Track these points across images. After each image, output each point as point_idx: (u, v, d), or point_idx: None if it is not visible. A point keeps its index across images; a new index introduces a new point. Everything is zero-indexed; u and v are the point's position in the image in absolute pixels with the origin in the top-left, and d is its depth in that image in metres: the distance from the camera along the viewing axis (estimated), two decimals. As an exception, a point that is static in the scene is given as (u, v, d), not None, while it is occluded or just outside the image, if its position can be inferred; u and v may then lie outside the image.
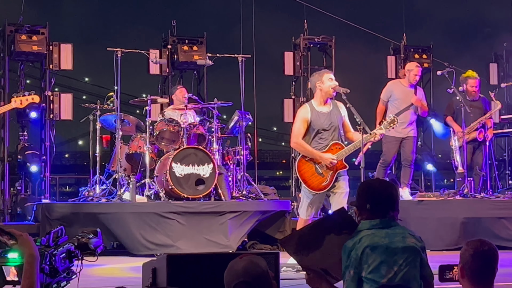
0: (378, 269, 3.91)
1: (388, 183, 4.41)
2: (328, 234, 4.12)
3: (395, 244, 3.97)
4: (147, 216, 9.63)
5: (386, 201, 4.12)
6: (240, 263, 3.32)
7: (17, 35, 11.93)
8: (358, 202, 4.16)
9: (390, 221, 4.07)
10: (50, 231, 4.25)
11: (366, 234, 3.98)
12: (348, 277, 3.97)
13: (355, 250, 3.95)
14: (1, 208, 11.95)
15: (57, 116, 12.11)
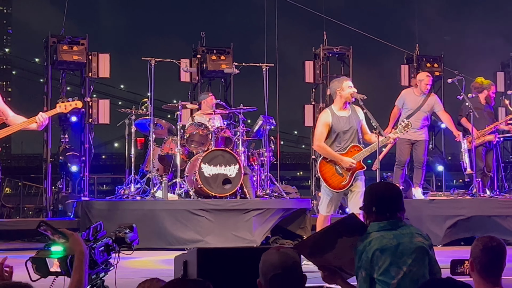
0: (388, 270, 3.87)
1: (391, 185, 4.36)
2: (340, 237, 4.09)
3: (403, 245, 3.92)
4: (178, 213, 9.65)
5: (391, 203, 4.07)
6: (276, 255, 3.32)
7: (59, 46, 12.00)
8: (365, 205, 4.13)
9: (397, 221, 4.02)
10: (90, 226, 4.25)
11: (375, 236, 3.94)
12: (361, 278, 3.94)
13: (366, 253, 3.91)
14: (44, 204, 12.04)
15: (95, 120, 12.17)
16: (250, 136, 10.92)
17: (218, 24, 33.63)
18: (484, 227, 10.18)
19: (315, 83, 13.51)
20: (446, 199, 10.79)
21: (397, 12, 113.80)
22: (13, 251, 9.55)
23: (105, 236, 4.30)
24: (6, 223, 10.48)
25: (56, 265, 4.02)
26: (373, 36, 17.62)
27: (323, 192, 7.93)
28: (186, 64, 12.43)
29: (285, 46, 20.97)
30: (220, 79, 13.32)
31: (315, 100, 13.52)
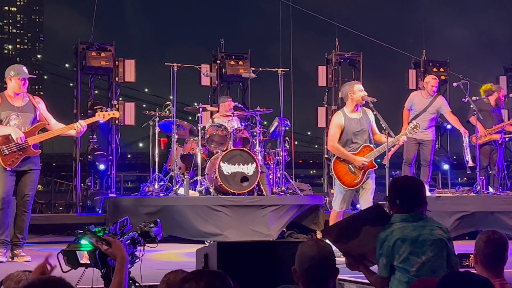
0: (408, 259, 3.87)
1: (415, 180, 4.36)
2: (365, 226, 4.09)
3: (423, 236, 3.92)
4: (199, 208, 9.66)
5: (414, 196, 4.08)
6: (314, 247, 3.33)
7: (88, 52, 12.05)
8: (389, 198, 4.13)
9: (419, 214, 4.03)
10: (117, 221, 4.26)
11: (398, 227, 3.94)
12: (381, 264, 3.95)
13: (388, 241, 3.92)
14: (74, 201, 12.09)
15: (121, 122, 12.20)
16: (266, 137, 10.92)
17: (236, 32, 33.87)
18: (487, 222, 10.16)
19: (328, 87, 13.50)
20: (451, 196, 10.77)
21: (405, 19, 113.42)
22: (45, 244, 9.61)
23: (131, 230, 4.31)
24: (38, 218, 10.51)
25: (85, 257, 4.04)
26: (382, 43, 17.58)
27: (336, 190, 7.92)
28: (207, 69, 12.44)
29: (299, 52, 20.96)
30: (238, 83, 13.32)
31: (327, 103, 13.51)
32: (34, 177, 7.45)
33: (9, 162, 7.19)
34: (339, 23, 16.55)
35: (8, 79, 7.42)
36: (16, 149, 7.21)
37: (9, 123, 7.28)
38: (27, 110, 7.41)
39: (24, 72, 7.48)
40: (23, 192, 7.40)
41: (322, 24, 17.89)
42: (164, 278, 3.82)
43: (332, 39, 14.12)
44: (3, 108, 7.32)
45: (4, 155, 7.19)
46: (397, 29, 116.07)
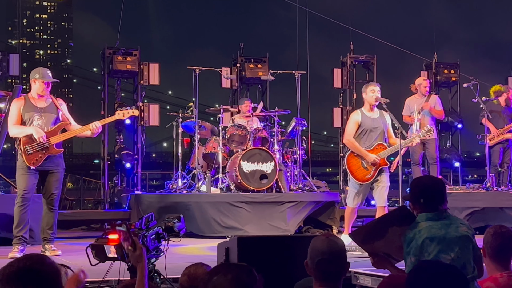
0: (437, 256, 3.82)
1: (437, 179, 4.31)
2: (391, 227, 4.06)
3: (450, 234, 3.88)
4: (220, 204, 9.67)
5: (437, 195, 4.03)
6: (325, 241, 3.33)
7: (114, 57, 12.11)
8: (413, 197, 4.08)
9: (443, 212, 4.00)
10: (143, 217, 4.27)
11: (425, 226, 3.90)
12: (410, 263, 3.90)
13: (415, 240, 3.87)
14: (102, 198, 12.16)
15: (146, 122, 12.25)
16: (284, 136, 10.91)
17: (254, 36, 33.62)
18: (496, 217, 10.08)
19: (343, 88, 13.46)
20: (462, 192, 10.70)
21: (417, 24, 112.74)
22: (75, 238, 9.66)
23: (156, 226, 4.32)
24: (68, 214, 10.59)
25: (113, 252, 4.05)
26: (395, 46, 17.50)
27: (350, 186, 7.91)
28: (227, 72, 12.46)
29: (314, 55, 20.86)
30: (257, 85, 13.32)
31: (342, 104, 13.47)
32: (59, 176, 7.42)
33: (33, 161, 7.15)
34: (353, 28, 16.51)
35: (33, 81, 7.36)
36: (39, 149, 7.17)
37: (32, 124, 7.24)
38: (50, 111, 7.37)
39: (49, 76, 7.41)
40: (49, 191, 7.36)
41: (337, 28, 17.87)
42: (185, 271, 3.83)
43: (345, 43, 14.09)
44: (27, 109, 7.27)
45: (28, 154, 7.14)
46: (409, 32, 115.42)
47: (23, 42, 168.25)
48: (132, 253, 3.46)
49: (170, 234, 4.40)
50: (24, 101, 7.34)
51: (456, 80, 13.64)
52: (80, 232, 10.51)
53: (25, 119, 7.26)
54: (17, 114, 7.27)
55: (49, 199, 7.38)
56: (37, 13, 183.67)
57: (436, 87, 13.60)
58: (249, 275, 2.46)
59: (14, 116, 7.29)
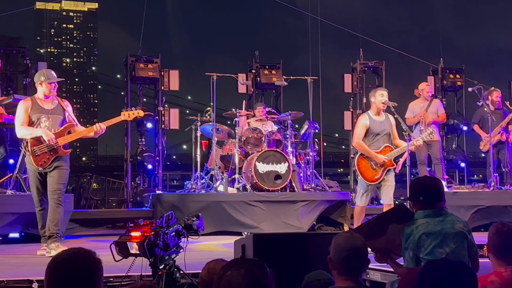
0: (433, 251, 3.85)
1: (435, 179, 4.35)
2: (390, 224, 4.09)
3: (446, 230, 3.90)
4: (237, 203, 9.67)
5: (436, 194, 4.06)
6: (347, 238, 3.36)
7: (137, 64, 12.15)
8: (412, 196, 4.11)
9: (441, 210, 4.01)
10: (163, 215, 4.29)
11: (422, 222, 3.93)
12: (408, 257, 3.93)
13: (413, 236, 3.90)
14: (125, 197, 12.19)
15: (167, 126, 12.27)
16: (298, 139, 10.90)
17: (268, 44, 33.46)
18: (501, 215, 10.01)
19: (353, 93, 13.42)
20: (467, 192, 10.64)
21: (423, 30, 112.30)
22: (99, 236, 9.70)
23: (176, 223, 4.33)
24: (93, 213, 10.64)
25: (135, 248, 4.07)
26: (403, 52, 17.43)
27: (359, 186, 7.93)
28: (243, 78, 12.47)
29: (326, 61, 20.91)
30: (271, 90, 13.32)
31: (353, 107, 13.43)
32: (64, 173, 7.08)
33: (41, 163, 6.92)
34: (363, 35, 16.48)
35: (39, 84, 7.09)
36: (47, 150, 6.93)
37: (40, 125, 6.99)
38: (57, 112, 7.11)
39: (54, 76, 7.14)
40: (53, 187, 7.00)
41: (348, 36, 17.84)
42: (206, 266, 3.83)
43: (354, 49, 14.05)
44: (34, 111, 7.01)
45: (36, 156, 6.91)
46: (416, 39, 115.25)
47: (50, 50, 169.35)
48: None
49: (189, 232, 4.41)
50: (31, 102, 7.07)
51: (461, 84, 13.56)
52: (104, 230, 10.54)
53: (33, 120, 7.02)
54: (25, 115, 7.01)
55: (53, 195, 7.03)
56: (64, 23, 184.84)
57: (442, 91, 13.53)
58: (261, 269, 2.47)
59: (22, 117, 7.02)
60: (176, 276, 4.25)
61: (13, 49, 11.77)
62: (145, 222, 4.14)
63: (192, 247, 6.25)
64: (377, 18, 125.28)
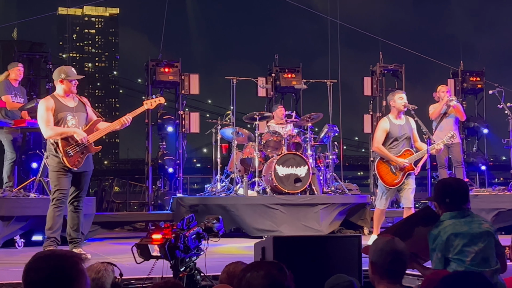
0: (462, 251, 3.84)
1: (461, 180, 4.33)
2: (417, 227, 4.07)
3: (473, 230, 3.89)
4: (256, 206, 9.67)
5: (462, 195, 4.05)
6: (389, 242, 3.39)
7: (157, 68, 12.20)
8: (438, 197, 4.09)
9: (466, 211, 4.01)
10: (184, 218, 4.29)
11: (449, 223, 3.92)
12: (436, 258, 3.92)
13: (440, 237, 3.89)
14: (146, 200, 12.24)
15: (187, 129, 12.31)
16: (317, 142, 10.88)
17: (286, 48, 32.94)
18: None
19: (373, 96, 13.37)
20: (488, 195, 10.54)
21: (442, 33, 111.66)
22: (121, 238, 9.76)
23: (196, 226, 4.34)
24: (115, 216, 10.70)
25: (156, 251, 4.09)
26: (422, 55, 17.35)
27: (379, 189, 7.90)
28: (262, 81, 12.48)
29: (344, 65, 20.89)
30: (291, 93, 13.32)
31: (372, 110, 13.38)
32: (89, 178, 7.01)
33: (75, 163, 6.72)
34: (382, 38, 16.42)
35: (59, 82, 6.82)
36: (79, 149, 6.73)
37: (67, 124, 6.75)
38: (80, 109, 6.90)
39: (74, 73, 6.90)
40: (79, 193, 6.88)
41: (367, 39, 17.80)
42: (225, 269, 3.84)
43: (372, 53, 14.01)
44: (59, 110, 6.75)
45: (69, 156, 6.68)
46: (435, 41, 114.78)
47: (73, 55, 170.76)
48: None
49: (210, 234, 4.41)
50: (54, 100, 6.80)
51: (482, 87, 13.46)
52: (126, 232, 10.61)
53: (59, 120, 6.76)
54: (50, 114, 6.73)
55: (77, 199, 6.87)
56: (86, 28, 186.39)
57: (463, 94, 13.44)
58: (280, 271, 2.47)
59: (47, 116, 6.73)
60: (197, 278, 4.26)
61: (36, 54, 11.91)
62: (166, 225, 4.15)
63: (213, 249, 6.26)
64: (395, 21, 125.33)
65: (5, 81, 9.09)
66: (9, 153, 9.10)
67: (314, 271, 4.51)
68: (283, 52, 31.32)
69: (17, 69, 9.25)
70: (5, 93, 8.98)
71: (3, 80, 9.10)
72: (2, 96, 8.96)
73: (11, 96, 9.02)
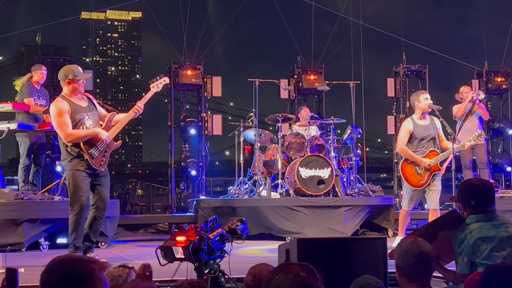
0: (489, 255, 3.76)
1: (487, 182, 4.21)
2: (442, 230, 4.01)
3: (500, 234, 3.81)
4: (280, 209, 9.65)
5: (487, 197, 3.97)
6: (415, 244, 3.35)
7: (180, 71, 12.26)
8: (463, 199, 4.00)
9: (492, 214, 3.92)
10: (208, 220, 4.28)
11: (476, 227, 3.84)
12: (462, 263, 3.83)
13: (467, 241, 3.81)
14: (170, 203, 12.29)
15: (210, 132, 12.34)
16: (340, 143, 10.83)
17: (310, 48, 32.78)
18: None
19: (396, 97, 13.29)
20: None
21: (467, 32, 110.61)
22: (145, 241, 9.79)
23: (220, 228, 4.33)
24: (139, 218, 10.75)
25: (180, 253, 4.08)
26: (446, 55, 17.20)
27: (404, 190, 7.82)
28: (285, 83, 12.48)
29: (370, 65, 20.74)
30: (314, 95, 13.29)
31: (396, 112, 13.30)
32: (109, 180, 6.88)
33: (101, 163, 6.63)
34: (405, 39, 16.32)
35: (67, 83, 6.64)
36: (101, 149, 6.62)
37: (85, 125, 6.59)
38: (92, 108, 6.75)
39: (81, 72, 6.75)
40: (105, 196, 6.75)
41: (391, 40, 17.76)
42: (251, 271, 3.82)
43: (400, 53, 13.91)
44: (76, 112, 6.56)
45: (93, 158, 6.55)
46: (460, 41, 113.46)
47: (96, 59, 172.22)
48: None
49: (234, 236, 4.40)
50: (68, 103, 6.59)
51: (507, 87, 13.33)
52: (149, 234, 10.65)
53: (77, 121, 6.57)
54: (67, 117, 6.53)
55: (103, 204, 6.75)
56: (109, 32, 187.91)
57: (487, 95, 13.30)
58: (310, 274, 2.45)
59: (67, 120, 6.52)
60: (221, 281, 4.25)
61: (59, 57, 12.02)
62: (190, 227, 4.14)
63: (236, 252, 6.24)
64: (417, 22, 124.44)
65: (28, 84, 9.12)
66: (23, 158, 9.15)
67: (338, 273, 4.47)
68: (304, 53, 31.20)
69: (40, 72, 9.29)
70: (28, 95, 9.02)
71: (25, 82, 9.14)
72: (25, 99, 9.00)
73: (34, 99, 9.07)
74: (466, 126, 10.43)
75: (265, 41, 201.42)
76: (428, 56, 16.57)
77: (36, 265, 6.82)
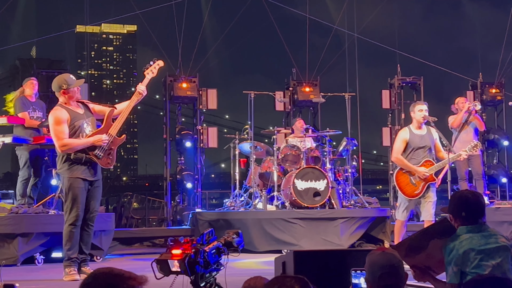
0: (479, 265, 3.78)
1: (478, 194, 4.24)
2: (432, 239, 4.01)
3: (490, 244, 3.83)
4: (276, 221, 9.64)
5: (478, 209, 3.98)
6: (380, 256, 3.25)
7: (175, 84, 12.27)
8: (454, 210, 4.02)
9: (483, 225, 3.94)
10: (203, 233, 4.26)
11: (465, 237, 3.86)
12: (451, 272, 3.85)
13: (457, 251, 3.83)
14: (165, 216, 12.27)
15: (205, 144, 12.34)
16: (336, 155, 10.83)
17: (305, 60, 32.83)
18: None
19: (391, 109, 13.32)
20: (510, 207, 10.42)
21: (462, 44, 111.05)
22: (141, 254, 9.75)
23: (216, 241, 4.32)
24: (134, 232, 10.72)
25: (176, 266, 4.06)
26: (441, 67, 17.27)
27: (399, 201, 7.82)
28: (280, 95, 12.49)
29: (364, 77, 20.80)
30: (309, 107, 13.31)
31: (391, 123, 13.32)
32: (101, 191, 6.80)
33: (108, 162, 6.62)
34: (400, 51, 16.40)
35: (62, 93, 6.62)
36: (106, 148, 6.58)
37: (84, 132, 6.59)
38: (89, 114, 6.73)
39: (74, 80, 6.73)
40: (93, 208, 6.68)
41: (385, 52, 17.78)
42: (245, 284, 3.81)
43: (394, 65, 13.96)
44: (75, 119, 6.57)
45: (99, 159, 6.54)
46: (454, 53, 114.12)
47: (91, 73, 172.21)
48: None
49: (230, 249, 4.38)
50: (67, 111, 6.59)
51: (502, 98, 13.38)
52: (145, 248, 10.61)
53: (76, 129, 6.57)
54: (65, 126, 6.51)
55: (91, 215, 6.67)
56: (104, 45, 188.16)
57: (482, 106, 13.34)
58: (304, 286, 2.43)
59: (65, 129, 6.53)
60: (217, 294, 4.23)
61: (54, 71, 11.99)
62: (186, 240, 4.13)
63: (232, 264, 6.22)
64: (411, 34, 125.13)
65: (21, 98, 9.06)
66: (23, 171, 9.10)
67: (335, 285, 4.46)
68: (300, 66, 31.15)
69: (30, 82, 9.21)
70: (21, 110, 8.97)
71: (18, 97, 9.09)
72: (19, 113, 8.96)
73: (29, 112, 9.03)
74: (462, 137, 10.44)
75: (260, 54, 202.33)
76: (423, 68, 16.65)
77: (31, 279, 6.79)
